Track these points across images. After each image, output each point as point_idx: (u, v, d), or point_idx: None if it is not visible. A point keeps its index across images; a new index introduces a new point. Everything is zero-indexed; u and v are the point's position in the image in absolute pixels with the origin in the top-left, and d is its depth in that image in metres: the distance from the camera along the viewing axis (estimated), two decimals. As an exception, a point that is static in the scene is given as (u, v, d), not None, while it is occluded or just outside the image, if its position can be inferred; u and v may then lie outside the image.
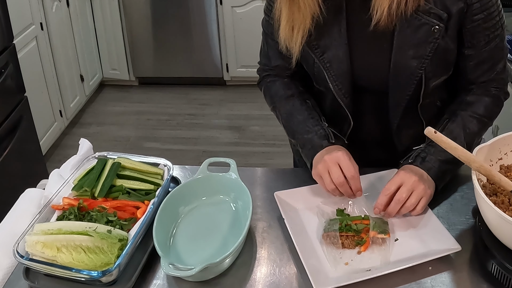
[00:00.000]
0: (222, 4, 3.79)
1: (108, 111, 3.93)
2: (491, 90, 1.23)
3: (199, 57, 4.02)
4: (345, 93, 1.24)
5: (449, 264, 1.05)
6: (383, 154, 1.36)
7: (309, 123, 1.27)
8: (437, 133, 1.02)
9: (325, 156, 1.18)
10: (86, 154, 1.31)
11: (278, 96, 1.34)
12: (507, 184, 1.02)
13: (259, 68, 1.41)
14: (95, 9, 3.90)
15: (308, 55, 1.23)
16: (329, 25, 1.18)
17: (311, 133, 1.25)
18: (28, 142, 2.79)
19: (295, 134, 1.29)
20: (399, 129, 1.29)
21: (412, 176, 1.13)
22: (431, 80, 1.20)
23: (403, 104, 1.23)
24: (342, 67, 1.21)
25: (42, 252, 1.01)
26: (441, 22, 1.12)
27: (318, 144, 1.22)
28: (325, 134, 1.23)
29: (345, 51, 1.20)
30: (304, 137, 1.26)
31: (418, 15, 1.12)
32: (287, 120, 1.31)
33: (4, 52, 2.54)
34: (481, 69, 1.21)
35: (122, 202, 1.16)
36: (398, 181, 1.13)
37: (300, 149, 1.28)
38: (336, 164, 1.16)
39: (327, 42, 1.20)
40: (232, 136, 3.57)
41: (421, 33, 1.14)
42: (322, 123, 1.27)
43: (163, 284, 1.05)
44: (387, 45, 1.17)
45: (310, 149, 1.24)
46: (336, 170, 1.15)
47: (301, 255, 1.05)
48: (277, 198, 1.21)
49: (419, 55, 1.16)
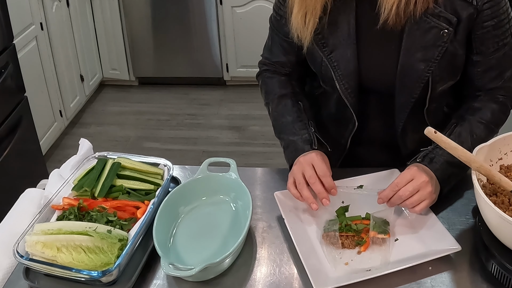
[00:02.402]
0: (222, 4, 3.79)
1: (108, 111, 3.93)
2: (499, 97, 1.23)
3: (199, 57, 4.02)
4: (351, 93, 1.24)
5: (449, 264, 1.05)
6: (386, 156, 1.36)
7: (296, 126, 1.27)
8: (437, 133, 1.02)
9: (300, 157, 1.20)
10: (86, 154, 1.31)
11: (273, 94, 1.35)
12: (507, 184, 1.02)
13: (260, 61, 1.42)
14: (95, 9, 3.90)
15: (316, 53, 1.24)
16: (338, 24, 1.19)
17: (296, 135, 1.25)
18: (28, 142, 2.79)
19: (281, 133, 1.30)
20: (404, 132, 1.29)
21: (423, 175, 1.11)
22: (438, 84, 1.20)
23: (409, 107, 1.23)
24: (349, 67, 1.21)
25: (42, 252, 1.01)
26: (450, 26, 1.12)
27: (300, 148, 1.23)
28: (309, 139, 1.24)
29: (353, 51, 1.20)
30: (289, 139, 1.26)
31: (427, 18, 1.12)
32: (276, 119, 1.33)
33: (4, 52, 2.54)
34: (489, 76, 1.21)
35: (122, 202, 1.16)
36: (408, 178, 1.11)
37: (283, 149, 1.29)
38: (310, 164, 1.17)
39: (335, 41, 1.20)
40: (232, 136, 3.57)
41: (430, 36, 1.13)
42: (309, 128, 1.27)
43: (163, 284, 1.05)
44: (395, 46, 1.17)
45: (292, 151, 1.24)
46: (309, 170, 1.16)
47: (301, 255, 1.05)
48: (277, 198, 1.21)
49: (427, 58, 1.15)
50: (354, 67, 1.21)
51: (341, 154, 1.37)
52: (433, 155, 1.16)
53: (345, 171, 1.30)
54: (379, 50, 1.20)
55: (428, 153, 1.17)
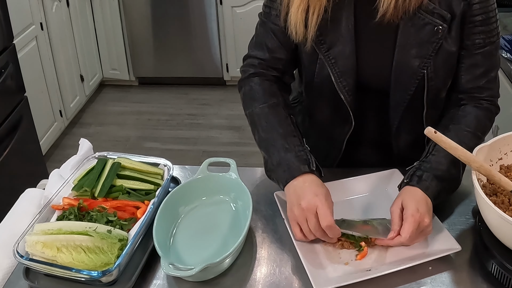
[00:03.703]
0: (222, 4, 3.79)
1: (108, 111, 3.93)
2: (482, 103, 1.21)
3: (199, 57, 4.02)
4: (348, 91, 1.22)
5: (449, 264, 1.05)
6: (378, 156, 1.35)
7: (289, 140, 1.16)
8: (437, 133, 1.01)
9: (302, 202, 1.07)
10: (86, 154, 1.31)
11: (260, 101, 1.23)
12: (507, 184, 1.02)
13: (246, 63, 1.31)
14: (95, 9, 3.90)
15: (312, 50, 1.21)
16: (337, 20, 1.17)
17: (289, 152, 1.14)
18: (28, 142, 2.79)
19: (270, 147, 1.17)
20: (398, 132, 1.28)
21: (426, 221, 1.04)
22: (433, 82, 1.19)
23: (404, 104, 1.22)
24: (348, 64, 1.20)
25: (42, 252, 1.01)
26: (444, 22, 1.12)
27: (296, 167, 1.12)
28: (306, 159, 1.13)
29: (352, 48, 1.18)
30: (281, 155, 1.14)
31: (421, 14, 1.12)
32: (265, 130, 1.20)
33: (4, 52, 2.55)
34: (473, 73, 1.19)
35: (122, 202, 1.16)
36: (415, 225, 1.03)
37: (272, 166, 1.16)
38: (314, 212, 1.05)
39: (333, 38, 1.18)
40: (232, 136, 3.57)
41: (424, 32, 1.13)
42: (305, 146, 1.17)
43: (163, 284, 1.05)
44: (390, 43, 1.17)
45: (285, 171, 1.13)
46: (312, 219, 1.05)
47: (301, 255, 1.05)
48: (277, 198, 1.21)
49: (421, 54, 1.15)
50: (352, 64, 1.20)
51: (336, 157, 1.35)
52: (421, 172, 1.11)
53: (344, 171, 1.29)
54: (376, 47, 1.20)
55: (416, 171, 1.12)
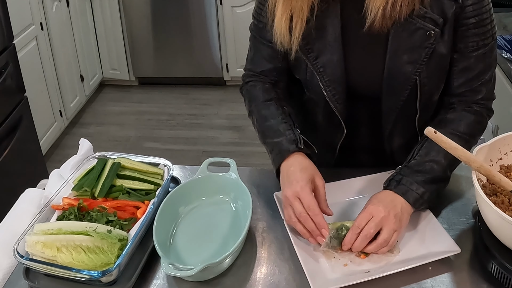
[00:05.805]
0: (222, 4, 3.79)
1: (108, 111, 3.93)
2: (473, 106, 1.19)
3: (199, 57, 4.02)
4: (338, 99, 1.21)
5: (449, 264, 1.05)
6: (372, 160, 1.35)
7: (281, 127, 1.21)
8: (437, 133, 1.01)
9: (285, 189, 1.10)
10: (86, 154, 1.31)
11: (256, 100, 1.29)
12: (507, 184, 1.02)
13: (244, 74, 1.36)
14: (95, 9, 3.90)
15: (300, 59, 1.20)
16: (323, 28, 1.15)
17: (281, 136, 1.19)
18: (28, 142, 2.79)
19: (266, 138, 1.23)
20: (391, 136, 1.27)
21: (380, 210, 1.05)
22: (426, 87, 1.17)
23: (397, 110, 1.21)
24: (336, 72, 1.18)
25: (42, 252, 1.01)
26: (436, 27, 1.10)
27: (285, 148, 1.17)
28: (294, 139, 1.18)
29: (340, 56, 1.17)
30: (274, 141, 1.20)
31: (413, 20, 1.10)
32: (260, 124, 1.26)
33: (4, 52, 2.55)
34: (466, 76, 1.17)
35: (122, 202, 1.16)
36: (367, 217, 1.06)
37: (269, 154, 1.23)
38: (297, 198, 1.08)
39: (321, 46, 1.17)
40: (232, 136, 3.57)
41: (416, 37, 1.11)
42: (295, 129, 1.21)
43: (163, 284, 1.05)
44: (381, 50, 1.15)
45: (277, 154, 1.18)
46: (298, 205, 1.08)
47: (300, 257, 1.05)
48: (277, 198, 1.21)
49: (413, 60, 1.13)
50: (341, 73, 1.18)
51: (330, 161, 1.35)
52: (400, 177, 1.12)
53: (342, 171, 1.29)
54: (366, 54, 1.18)
55: (395, 176, 1.13)
